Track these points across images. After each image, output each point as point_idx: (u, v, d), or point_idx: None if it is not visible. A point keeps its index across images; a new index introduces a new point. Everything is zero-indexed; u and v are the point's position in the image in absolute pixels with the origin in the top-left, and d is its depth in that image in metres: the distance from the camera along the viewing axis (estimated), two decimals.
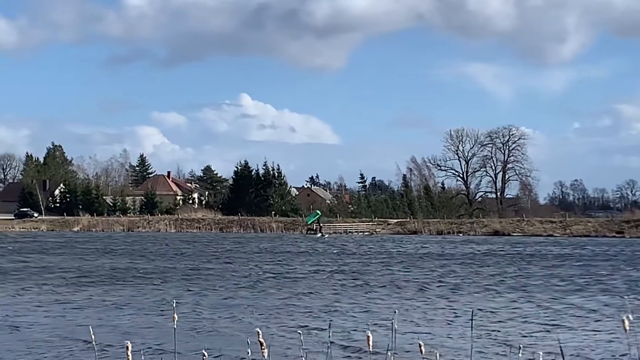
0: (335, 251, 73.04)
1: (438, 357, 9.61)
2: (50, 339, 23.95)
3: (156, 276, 45.34)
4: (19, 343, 23.45)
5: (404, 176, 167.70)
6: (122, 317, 28.55)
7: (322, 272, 48.92)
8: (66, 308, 31.21)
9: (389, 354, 9.39)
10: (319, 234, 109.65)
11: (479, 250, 73.38)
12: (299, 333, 11.23)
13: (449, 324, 27.27)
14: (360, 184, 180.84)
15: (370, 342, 8.10)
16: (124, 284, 41.25)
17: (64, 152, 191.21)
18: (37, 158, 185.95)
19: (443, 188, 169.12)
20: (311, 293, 36.89)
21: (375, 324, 26.56)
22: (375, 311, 30.48)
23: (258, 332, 7.58)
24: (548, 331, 25.59)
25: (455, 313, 29.88)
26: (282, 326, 26.33)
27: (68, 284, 41.25)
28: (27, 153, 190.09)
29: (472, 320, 25.17)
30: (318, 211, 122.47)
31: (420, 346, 8.42)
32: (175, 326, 7.78)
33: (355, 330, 25.34)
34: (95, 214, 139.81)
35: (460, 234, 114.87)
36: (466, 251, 72.78)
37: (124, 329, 25.76)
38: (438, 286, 40.53)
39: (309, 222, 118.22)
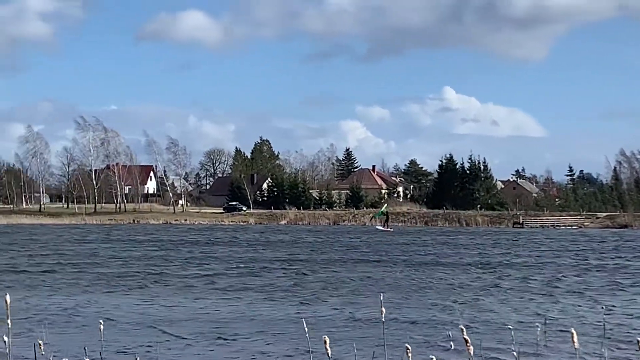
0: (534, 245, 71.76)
1: None
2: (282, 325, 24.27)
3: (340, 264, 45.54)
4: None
5: (614, 169, 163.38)
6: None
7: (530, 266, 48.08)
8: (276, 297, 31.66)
9: (604, 349, 9.06)
10: (380, 226, 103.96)
11: None
12: (510, 328, 10.94)
13: None
14: (569, 177, 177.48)
15: (575, 340, 7.92)
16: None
17: (271, 147, 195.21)
18: (244, 153, 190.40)
19: None
20: (519, 289, 36.23)
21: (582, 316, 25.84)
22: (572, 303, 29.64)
23: (462, 329, 7.38)
24: None
25: None
26: (485, 320, 25.90)
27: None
28: (236, 148, 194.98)
29: None
30: (385, 205, 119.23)
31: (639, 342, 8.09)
32: (383, 319, 7.63)
33: (565, 325, 24.65)
34: (301, 208, 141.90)
35: None
36: None
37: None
38: None
39: (377, 217, 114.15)
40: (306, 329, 8.63)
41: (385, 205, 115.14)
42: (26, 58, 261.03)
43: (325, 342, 6.79)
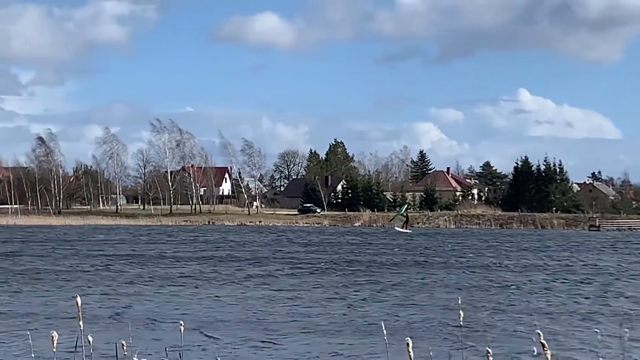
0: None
1: None
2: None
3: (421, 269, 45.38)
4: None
5: None
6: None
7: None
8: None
9: None
10: (400, 228, 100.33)
11: None
12: (595, 332, 10.80)
13: None
14: None
15: None
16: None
17: (346, 149, 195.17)
18: (319, 154, 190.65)
19: None
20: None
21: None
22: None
23: (539, 334, 7.39)
24: None
25: None
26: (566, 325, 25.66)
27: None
28: (310, 150, 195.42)
29: None
30: (405, 206, 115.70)
31: None
32: (461, 322, 7.63)
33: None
34: (375, 210, 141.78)
35: None
36: None
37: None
38: None
39: (399, 216, 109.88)
40: (384, 331, 8.65)
41: (406, 206, 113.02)
42: (101, 61, 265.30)
43: (407, 344, 6.80)
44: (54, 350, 7.45)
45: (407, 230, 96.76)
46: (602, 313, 28.54)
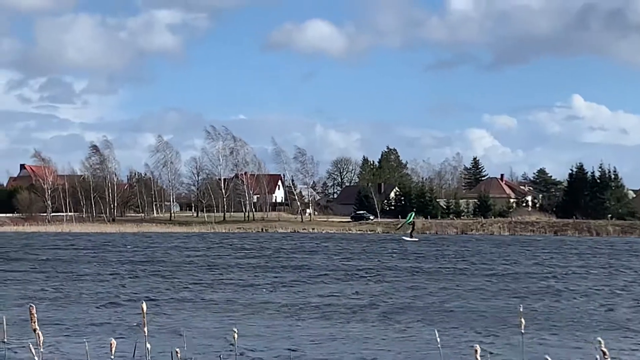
0: None
1: None
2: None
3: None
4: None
5: None
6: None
7: None
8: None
9: None
10: (407, 236, 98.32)
11: None
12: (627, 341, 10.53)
13: None
14: None
15: None
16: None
17: (399, 156, 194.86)
18: (373, 161, 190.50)
19: None
20: None
21: None
22: None
23: (600, 341, 7.18)
24: None
25: None
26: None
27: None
28: (363, 157, 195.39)
29: None
30: (412, 214, 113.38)
31: None
32: (522, 331, 7.39)
33: None
34: (429, 217, 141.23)
35: None
36: None
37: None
38: None
39: (408, 222, 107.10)
40: (438, 339, 8.42)
41: (412, 214, 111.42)
42: (154, 69, 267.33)
43: (476, 351, 6.58)
44: (112, 357, 7.34)
45: (414, 239, 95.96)
46: None
